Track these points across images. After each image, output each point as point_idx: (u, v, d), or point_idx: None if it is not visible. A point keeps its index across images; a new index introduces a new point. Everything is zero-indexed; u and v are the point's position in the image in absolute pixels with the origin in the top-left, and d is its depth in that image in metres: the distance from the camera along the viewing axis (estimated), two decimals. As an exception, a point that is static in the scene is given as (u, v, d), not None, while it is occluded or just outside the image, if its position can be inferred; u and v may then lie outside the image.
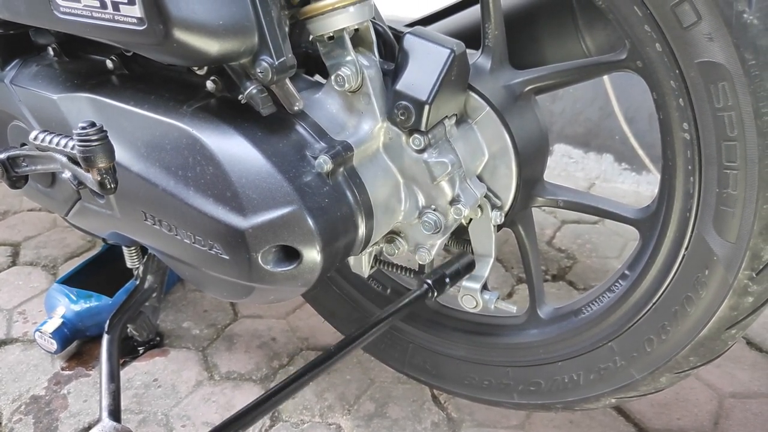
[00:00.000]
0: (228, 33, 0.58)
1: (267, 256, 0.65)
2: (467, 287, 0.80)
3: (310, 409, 1.03)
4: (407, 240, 0.77)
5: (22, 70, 0.83)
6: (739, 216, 0.61)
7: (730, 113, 0.57)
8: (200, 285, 0.81)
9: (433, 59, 0.66)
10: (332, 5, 0.63)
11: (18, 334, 1.21)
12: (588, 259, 1.43)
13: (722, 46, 0.55)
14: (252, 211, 0.63)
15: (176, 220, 0.70)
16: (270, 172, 0.63)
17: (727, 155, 0.60)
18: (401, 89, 0.67)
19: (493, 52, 0.74)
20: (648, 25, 0.60)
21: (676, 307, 0.70)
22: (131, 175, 0.70)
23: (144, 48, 0.63)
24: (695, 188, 0.64)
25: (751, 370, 1.10)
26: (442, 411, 1.03)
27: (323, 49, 0.66)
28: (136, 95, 0.72)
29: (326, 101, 0.69)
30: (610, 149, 1.76)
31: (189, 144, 0.66)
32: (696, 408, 1.02)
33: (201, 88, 0.70)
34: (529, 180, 0.78)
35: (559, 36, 0.85)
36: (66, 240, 1.51)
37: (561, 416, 1.01)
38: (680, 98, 0.61)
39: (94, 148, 0.59)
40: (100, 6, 0.59)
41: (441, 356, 0.95)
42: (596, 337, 0.79)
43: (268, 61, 0.61)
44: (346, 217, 0.66)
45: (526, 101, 0.76)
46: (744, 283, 0.63)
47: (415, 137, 0.68)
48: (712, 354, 0.71)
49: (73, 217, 0.88)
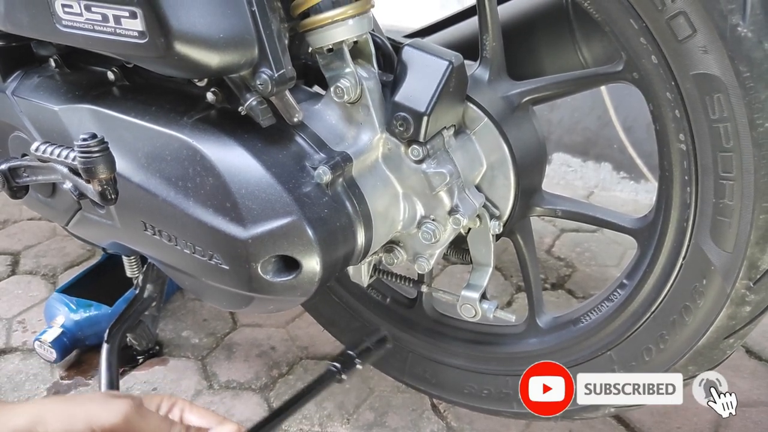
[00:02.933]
0: (228, 46, 0.59)
1: (266, 266, 0.66)
2: (466, 296, 0.80)
3: (309, 419, 1.03)
4: (406, 250, 0.77)
5: (24, 81, 0.84)
6: (736, 226, 0.61)
7: (725, 124, 0.58)
8: (200, 294, 0.82)
9: (432, 71, 0.67)
10: (332, 18, 0.63)
11: (17, 344, 1.21)
12: (587, 267, 1.44)
13: (717, 58, 0.56)
14: (251, 222, 0.64)
15: (176, 231, 0.70)
16: (270, 182, 0.63)
17: (723, 166, 0.60)
18: (400, 101, 0.67)
19: (491, 63, 0.74)
20: (644, 38, 0.60)
21: (675, 317, 0.70)
22: (132, 185, 0.71)
23: (145, 61, 0.63)
24: (692, 198, 0.65)
25: (751, 379, 1.10)
26: (442, 420, 1.03)
27: (322, 61, 0.67)
28: (136, 106, 0.72)
29: (325, 112, 0.70)
30: (609, 158, 1.76)
31: (189, 155, 0.66)
32: (696, 417, 1.02)
33: (201, 99, 0.70)
34: (528, 190, 0.78)
35: (556, 47, 0.86)
36: (66, 249, 1.51)
37: (560, 425, 1.01)
38: (676, 109, 0.62)
39: (95, 159, 0.60)
40: (102, 20, 0.59)
41: (440, 365, 0.95)
42: (595, 346, 0.79)
43: (267, 73, 0.61)
44: (345, 227, 0.66)
45: (524, 112, 0.76)
46: (741, 292, 0.63)
47: (413, 148, 0.69)
48: (710, 363, 0.71)
49: (74, 226, 0.88)
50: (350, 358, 0.70)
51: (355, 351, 0.71)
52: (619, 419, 1.02)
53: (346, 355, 0.70)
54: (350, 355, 0.70)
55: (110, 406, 0.49)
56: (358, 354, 0.71)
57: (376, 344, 0.74)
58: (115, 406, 0.49)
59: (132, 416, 0.49)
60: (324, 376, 0.67)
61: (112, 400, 0.50)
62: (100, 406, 0.49)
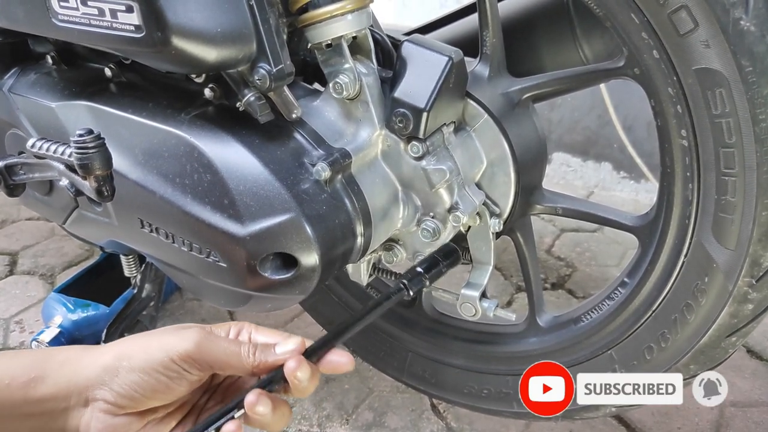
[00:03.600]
0: (226, 40, 0.58)
1: (265, 263, 0.65)
2: (466, 295, 0.80)
3: (308, 419, 1.02)
4: (406, 247, 0.77)
5: (20, 78, 0.83)
6: (738, 223, 0.61)
7: (727, 120, 0.57)
8: (198, 293, 0.81)
9: (431, 67, 0.66)
10: (330, 13, 0.63)
11: (15, 344, 1.20)
12: (587, 267, 1.43)
13: (719, 53, 0.55)
14: (250, 219, 0.63)
15: (173, 228, 0.69)
16: (268, 179, 0.63)
17: (725, 162, 0.60)
18: (399, 97, 0.67)
19: (491, 59, 0.74)
20: (645, 33, 0.60)
21: (676, 315, 0.69)
22: (129, 182, 0.70)
23: (142, 55, 0.63)
24: (694, 195, 0.64)
25: (752, 379, 1.09)
26: (442, 420, 1.02)
27: (321, 56, 0.66)
28: (134, 103, 0.72)
29: (324, 109, 0.69)
30: (609, 158, 1.76)
31: (187, 151, 0.66)
32: (697, 417, 1.01)
33: (199, 95, 0.70)
34: (528, 187, 0.77)
35: (556, 44, 0.85)
36: (64, 249, 1.51)
37: (561, 425, 1.00)
38: (678, 105, 0.61)
39: (91, 155, 0.59)
40: (98, 14, 0.59)
41: (440, 365, 0.94)
42: (596, 345, 0.79)
43: (266, 69, 0.61)
44: (344, 224, 0.66)
45: (524, 109, 0.76)
46: (744, 290, 0.63)
47: (413, 144, 0.68)
48: (712, 362, 0.71)
49: (71, 225, 0.88)
50: (418, 275, 0.68)
51: (423, 268, 0.69)
52: (620, 419, 1.01)
53: (414, 272, 0.69)
54: (419, 272, 0.68)
55: (183, 335, 0.53)
56: (426, 271, 0.69)
57: (446, 260, 0.72)
58: (188, 335, 0.53)
59: (203, 342, 0.52)
60: (392, 291, 0.65)
61: (185, 330, 0.54)
62: (174, 337, 0.53)
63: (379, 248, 0.77)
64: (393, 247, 0.77)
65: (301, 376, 0.52)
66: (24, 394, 0.52)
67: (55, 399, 0.52)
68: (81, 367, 0.53)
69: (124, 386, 0.51)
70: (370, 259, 0.81)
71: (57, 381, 0.53)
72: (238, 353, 0.53)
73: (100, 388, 0.52)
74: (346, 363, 0.55)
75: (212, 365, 0.53)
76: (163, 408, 0.55)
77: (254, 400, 0.51)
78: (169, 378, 0.52)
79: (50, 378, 0.53)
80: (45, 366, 0.53)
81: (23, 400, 0.52)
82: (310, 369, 0.53)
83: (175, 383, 0.52)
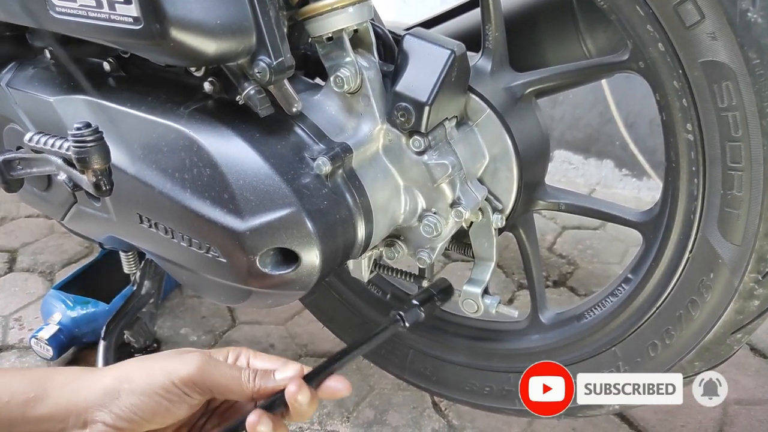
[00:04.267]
0: (225, 32, 0.57)
1: (265, 259, 0.64)
2: (468, 291, 0.79)
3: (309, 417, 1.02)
4: (407, 243, 0.76)
5: (18, 72, 0.83)
6: (744, 218, 0.60)
7: (734, 113, 0.57)
8: (198, 289, 0.80)
9: (433, 60, 0.66)
10: (331, 6, 0.62)
11: (14, 341, 1.20)
12: (589, 264, 1.43)
13: (726, 45, 0.54)
14: (250, 214, 0.62)
15: (173, 223, 0.69)
16: (268, 173, 0.62)
17: (732, 156, 0.59)
18: (401, 90, 0.66)
19: (494, 54, 0.73)
20: (650, 25, 0.59)
21: (681, 311, 0.69)
22: (127, 177, 0.69)
23: (140, 48, 0.62)
24: (699, 190, 0.63)
25: (756, 377, 1.08)
26: (443, 418, 1.02)
27: (322, 50, 0.66)
28: (132, 97, 0.71)
29: (325, 103, 0.68)
30: (611, 155, 1.75)
31: (186, 145, 0.65)
32: (700, 415, 1.01)
33: (198, 89, 0.69)
34: (531, 183, 0.77)
35: (559, 38, 0.84)
36: (63, 246, 1.50)
37: (564, 423, 0.99)
38: (683, 98, 0.60)
39: (89, 149, 0.59)
40: (96, 5, 0.58)
41: (442, 362, 0.93)
42: (599, 343, 0.78)
43: (266, 62, 0.60)
44: (345, 219, 0.65)
45: (526, 103, 0.75)
46: (750, 286, 0.62)
47: (415, 139, 0.67)
48: (717, 359, 0.70)
49: (70, 221, 0.87)
50: (414, 307, 0.70)
51: (419, 300, 0.71)
52: (623, 417, 1.01)
53: (410, 304, 0.71)
54: (414, 305, 0.70)
55: (185, 359, 0.54)
56: (421, 303, 0.71)
57: (440, 295, 0.74)
58: (190, 359, 0.54)
59: (205, 366, 0.53)
60: (389, 323, 0.68)
61: (186, 354, 0.55)
62: (176, 361, 0.54)
63: (381, 244, 0.77)
64: (394, 242, 0.76)
65: (302, 399, 0.53)
66: (23, 412, 0.52)
67: (53, 419, 0.53)
68: (81, 388, 0.53)
69: (124, 409, 0.52)
70: (371, 255, 0.80)
71: (57, 401, 0.53)
72: (238, 378, 0.54)
73: (100, 410, 0.52)
74: (344, 389, 0.56)
75: (213, 389, 0.54)
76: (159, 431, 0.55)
77: (256, 420, 0.52)
78: (169, 401, 0.52)
79: (50, 398, 0.53)
80: (45, 385, 0.53)
81: (22, 418, 0.52)
82: (310, 393, 0.53)
83: (176, 407, 0.53)
